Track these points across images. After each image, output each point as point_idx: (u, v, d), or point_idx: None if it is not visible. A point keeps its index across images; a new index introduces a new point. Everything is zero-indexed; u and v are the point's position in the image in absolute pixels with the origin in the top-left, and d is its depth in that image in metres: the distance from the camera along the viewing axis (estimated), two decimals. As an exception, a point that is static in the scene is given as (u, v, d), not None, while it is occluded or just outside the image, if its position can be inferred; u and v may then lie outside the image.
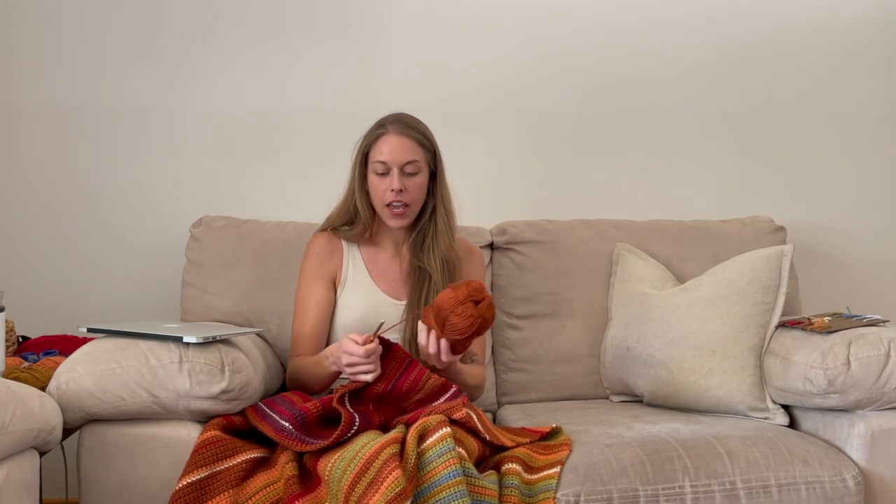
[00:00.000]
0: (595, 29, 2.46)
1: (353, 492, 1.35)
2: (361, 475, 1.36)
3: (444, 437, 1.41)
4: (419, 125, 1.82)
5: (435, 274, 1.80)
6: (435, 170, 1.83)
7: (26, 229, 2.27)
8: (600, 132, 2.48)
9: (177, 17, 2.31)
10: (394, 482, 1.32)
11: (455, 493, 1.35)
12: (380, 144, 1.78)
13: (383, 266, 1.87)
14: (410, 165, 1.77)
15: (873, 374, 1.67)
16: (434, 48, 2.39)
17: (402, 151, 1.77)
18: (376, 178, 1.79)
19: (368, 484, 1.34)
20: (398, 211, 1.78)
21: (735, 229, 2.27)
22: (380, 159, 1.77)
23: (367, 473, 1.35)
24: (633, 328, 2.03)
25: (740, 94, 2.53)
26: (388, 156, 1.77)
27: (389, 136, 1.78)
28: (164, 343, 1.55)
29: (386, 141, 1.78)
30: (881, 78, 2.58)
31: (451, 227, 1.86)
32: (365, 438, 1.42)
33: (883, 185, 2.59)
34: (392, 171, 1.76)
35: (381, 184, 1.78)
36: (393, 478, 1.32)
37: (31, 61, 2.26)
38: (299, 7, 2.35)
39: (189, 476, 1.41)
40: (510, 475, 1.48)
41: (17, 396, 1.34)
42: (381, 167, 1.77)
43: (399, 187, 1.76)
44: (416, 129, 1.81)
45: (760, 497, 1.58)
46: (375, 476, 1.34)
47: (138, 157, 2.31)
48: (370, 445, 1.39)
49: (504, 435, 1.61)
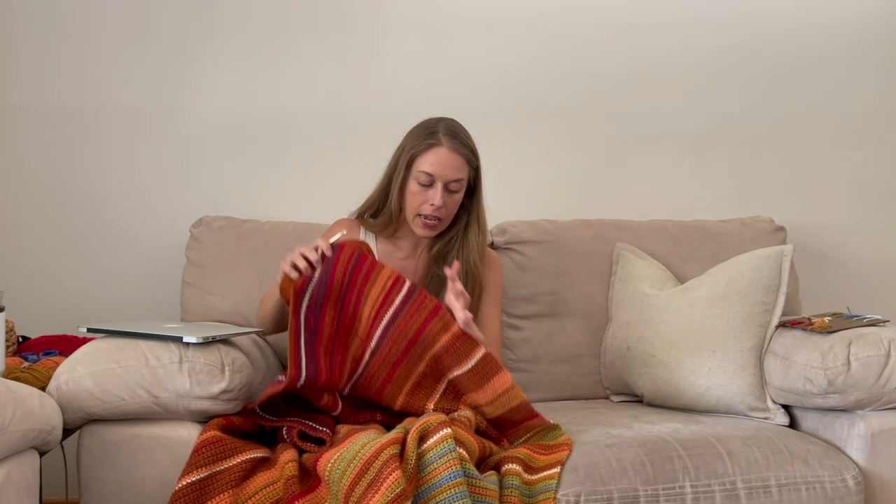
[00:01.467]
0: (594, 30, 2.46)
1: (353, 492, 1.35)
2: (361, 475, 1.36)
3: (445, 438, 1.40)
4: (469, 141, 1.79)
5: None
6: (474, 186, 1.81)
7: (26, 229, 2.27)
8: (600, 132, 2.48)
9: (177, 18, 2.31)
10: (394, 483, 1.32)
11: (456, 495, 1.35)
12: (429, 156, 1.74)
13: (396, 265, 1.85)
14: (455, 183, 1.75)
15: (873, 374, 1.67)
16: (435, 48, 2.39)
17: (451, 169, 1.73)
18: (417, 186, 1.75)
19: (368, 484, 1.34)
20: (431, 223, 1.76)
21: (735, 229, 2.27)
22: (426, 171, 1.73)
23: (367, 474, 1.35)
24: (633, 328, 2.03)
25: (740, 94, 2.53)
26: (437, 170, 1.73)
27: (441, 149, 1.74)
28: (164, 343, 1.55)
29: (436, 154, 1.73)
30: (881, 78, 2.58)
31: (483, 245, 1.84)
32: (364, 438, 1.42)
33: (883, 185, 2.59)
34: (436, 185, 1.73)
35: (422, 194, 1.75)
36: (393, 478, 1.32)
37: (32, 61, 2.26)
38: (300, 7, 2.35)
39: (189, 476, 1.41)
40: (510, 475, 1.48)
41: (17, 396, 1.33)
42: (425, 178, 1.74)
43: (440, 204, 1.73)
44: (467, 146, 1.77)
45: (760, 497, 1.58)
46: (375, 476, 1.34)
47: (138, 157, 2.31)
48: (370, 446, 1.39)
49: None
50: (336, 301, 1.63)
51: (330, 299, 1.62)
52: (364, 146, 2.31)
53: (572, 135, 2.46)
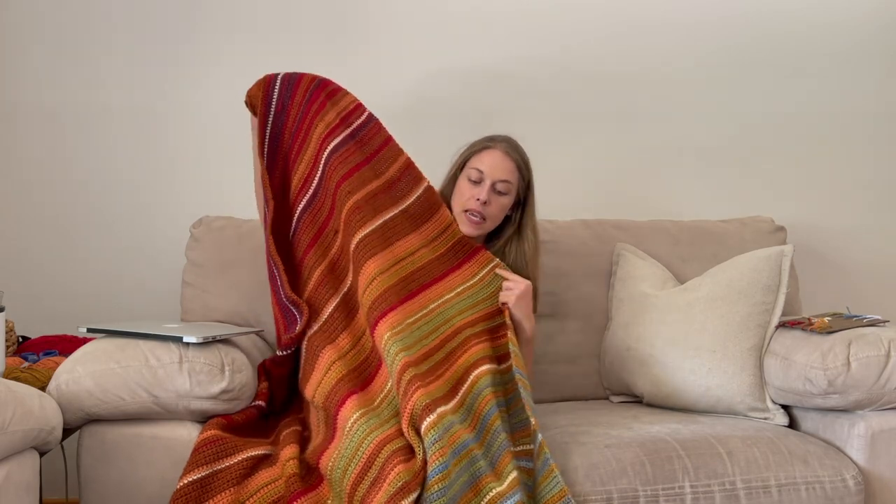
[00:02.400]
0: (594, 28, 2.46)
1: (357, 490, 1.35)
2: (364, 473, 1.36)
3: (431, 427, 1.41)
4: (524, 153, 1.89)
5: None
6: (525, 200, 1.88)
7: (26, 229, 2.27)
8: (601, 132, 2.48)
9: (177, 18, 2.31)
10: (395, 478, 1.32)
11: (439, 491, 1.35)
12: (482, 155, 1.84)
13: None
14: (503, 184, 1.82)
15: (873, 374, 1.67)
16: (433, 47, 2.39)
17: (500, 169, 1.82)
18: (467, 183, 1.83)
19: (372, 482, 1.35)
20: (475, 220, 1.81)
21: (735, 229, 2.27)
22: (477, 167, 1.83)
23: (369, 471, 1.36)
24: (633, 328, 2.03)
25: (741, 95, 2.53)
26: (487, 167, 1.82)
27: (495, 150, 1.84)
28: (164, 343, 1.55)
29: (490, 154, 1.84)
30: (881, 78, 2.58)
31: (533, 258, 1.88)
32: (360, 433, 1.43)
33: (883, 186, 2.59)
34: (484, 182, 1.81)
35: (470, 190, 1.82)
36: (395, 474, 1.33)
37: (32, 61, 2.26)
38: (301, 8, 2.35)
39: (190, 475, 1.42)
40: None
41: (17, 396, 1.34)
42: (475, 174, 1.82)
43: (485, 199, 1.80)
44: (520, 154, 1.87)
45: (760, 497, 1.58)
46: (378, 474, 1.35)
47: (138, 157, 2.30)
48: (369, 441, 1.40)
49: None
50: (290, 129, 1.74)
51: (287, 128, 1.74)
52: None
53: (572, 135, 2.46)
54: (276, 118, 1.74)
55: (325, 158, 1.74)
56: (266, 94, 1.74)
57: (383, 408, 1.54)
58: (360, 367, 1.62)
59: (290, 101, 1.75)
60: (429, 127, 2.31)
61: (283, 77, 1.77)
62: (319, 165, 1.74)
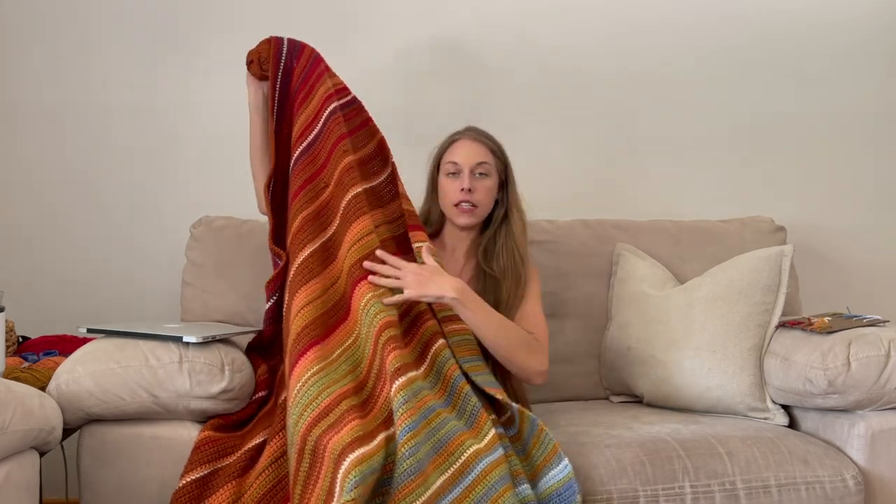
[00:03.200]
0: (595, 29, 2.46)
1: (312, 432, 1.35)
2: (321, 418, 1.37)
3: (400, 389, 1.42)
4: (492, 137, 1.89)
5: (506, 281, 1.81)
6: (506, 180, 1.88)
7: (26, 229, 2.27)
8: (601, 132, 2.48)
9: (177, 17, 2.31)
10: (351, 430, 1.33)
11: (406, 452, 1.34)
12: (453, 149, 1.86)
13: (444, 266, 1.85)
14: (482, 167, 1.83)
15: (873, 374, 1.67)
16: (433, 46, 2.39)
17: (473, 154, 1.83)
18: (447, 179, 1.84)
19: (329, 426, 1.36)
20: (466, 209, 1.82)
21: (735, 229, 2.27)
22: (451, 160, 1.84)
23: (326, 417, 1.37)
24: (633, 328, 2.03)
25: (741, 95, 2.53)
26: (461, 157, 1.83)
27: (463, 140, 1.86)
28: (164, 343, 1.55)
29: (459, 145, 1.85)
30: (881, 78, 2.58)
31: (523, 231, 1.88)
32: (316, 387, 1.43)
33: (883, 186, 2.59)
34: (463, 172, 1.82)
35: (452, 184, 1.83)
36: (351, 426, 1.33)
37: (32, 61, 2.26)
38: (301, 7, 2.35)
39: (190, 474, 1.42)
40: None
41: (17, 396, 1.34)
42: (452, 167, 1.83)
43: (468, 186, 1.80)
44: (488, 138, 1.88)
45: (760, 497, 1.58)
46: (336, 421, 1.36)
47: (138, 157, 2.31)
48: (326, 394, 1.42)
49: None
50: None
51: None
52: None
53: (573, 135, 2.46)
54: (285, 74, 1.83)
55: (326, 115, 1.80)
56: (276, 51, 1.82)
57: (340, 363, 1.52)
58: (326, 314, 1.60)
59: (296, 62, 1.83)
60: (429, 128, 2.30)
61: (289, 40, 1.86)
62: (321, 119, 1.80)
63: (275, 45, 1.83)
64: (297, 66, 1.82)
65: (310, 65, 1.84)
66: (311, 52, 1.87)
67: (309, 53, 1.86)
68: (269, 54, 1.82)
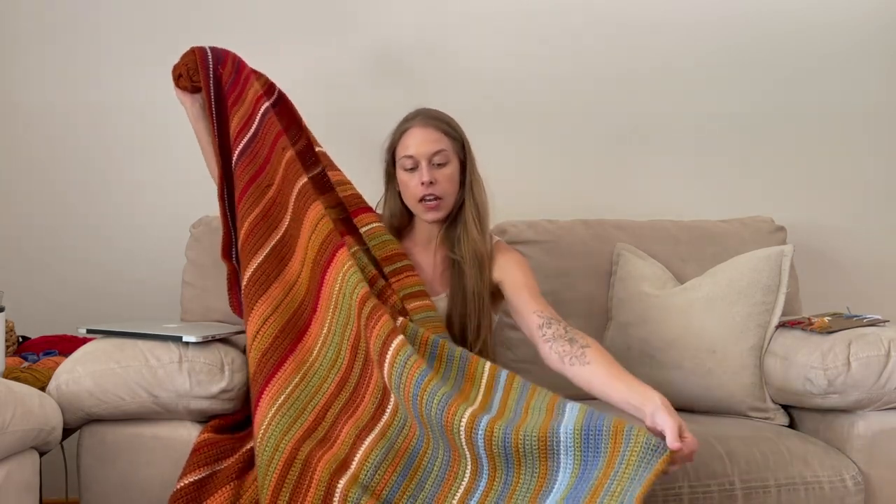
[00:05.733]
0: (596, 29, 2.46)
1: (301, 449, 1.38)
2: (310, 433, 1.42)
3: (400, 349, 1.44)
4: (443, 116, 1.78)
5: (466, 267, 1.73)
6: (465, 160, 1.78)
7: (26, 229, 2.27)
8: (601, 132, 2.48)
9: (178, 16, 2.31)
10: (347, 434, 1.40)
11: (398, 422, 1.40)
12: (405, 140, 1.74)
13: (417, 260, 1.82)
14: (438, 156, 1.72)
15: (873, 374, 1.67)
16: (434, 46, 2.39)
17: (427, 143, 1.72)
18: (406, 174, 1.74)
19: (319, 441, 1.41)
20: (432, 204, 1.73)
21: (735, 229, 2.26)
22: (406, 154, 1.73)
23: (315, 431, 1.43)
24: (633, 328, 2.03)
25: (741, 94, 2.53)
26: (415, 149, 1.72)
27: (414, 129, 1.74)
28: (164, 343, 1.55)
29: (411, 135, 1.74)
30: (881, 78, 2.58)
31: (481, 217, 1.78)
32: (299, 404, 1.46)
33: (883, 185, 2.58)
34: (420, 165, 1.72)
35: (412, 179, 1.73)
36: (348, 426, 1.40)
37: (32, 61, 2.26)
38: (302, 7, 2.35)
39: (188, 476, 1.41)
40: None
41: (17, 396, 1.34)
42: (409, 162, 1.73)
43: (429, 179, 1.70)
44: (440, 120, 1.76)
45: (760, 497, 1.58)
46: (326, 433, 1.40)
47: (138, 157, 2.31)
48: (310, 408, 1.46)
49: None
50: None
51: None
52: (365, 145, 2.30)
53: (573, 135, 2.46)
54: (216, 81, 1.83)
55: (260, 115, 1.81)
56: (203, 60, 1.80)
57: (321, 358, 1.54)
58: (294, 316, 1.60)
59: (222, 68, 1.82)
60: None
61: (212, 48, 1.85)
62: (255, 119, 1.81)
63: (200, 55, 1.81)
64: (224, 71, 1.82)
65: (235, 70, 1.84)
66: (233, 57, 1.86)
67: (232, 59, 1.86)
68: (196, 65, 1.80)
